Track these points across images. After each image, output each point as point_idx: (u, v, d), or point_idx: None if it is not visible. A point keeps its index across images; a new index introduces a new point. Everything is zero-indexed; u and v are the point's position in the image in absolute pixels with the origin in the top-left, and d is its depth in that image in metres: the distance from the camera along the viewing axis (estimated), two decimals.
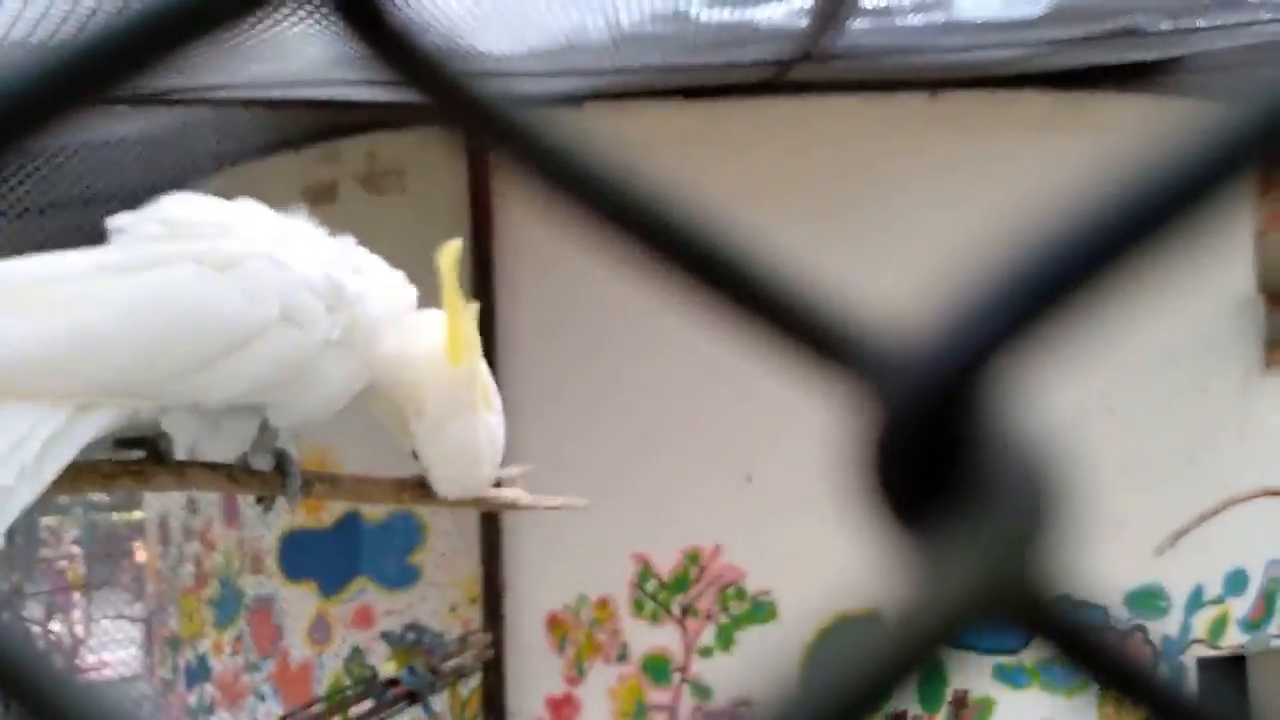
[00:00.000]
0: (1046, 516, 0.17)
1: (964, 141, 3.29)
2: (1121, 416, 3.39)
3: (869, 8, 2.49)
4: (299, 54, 2.43)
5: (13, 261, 1.38)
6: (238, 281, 1.37)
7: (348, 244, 1.57)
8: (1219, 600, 3.49)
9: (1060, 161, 2.97)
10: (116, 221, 1.45)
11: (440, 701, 3.33)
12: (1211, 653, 3.51)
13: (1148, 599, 3.42)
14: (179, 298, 1.35)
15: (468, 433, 1.56)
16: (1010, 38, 2.77)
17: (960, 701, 3.32)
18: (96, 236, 1.44)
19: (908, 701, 2.90)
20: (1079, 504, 0.18)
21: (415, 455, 1.65)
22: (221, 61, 2.51)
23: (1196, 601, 3.48)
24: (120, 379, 1.32)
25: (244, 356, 1.38)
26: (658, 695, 3.37)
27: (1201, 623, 3.49)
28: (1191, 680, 3.44)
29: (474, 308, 1.59)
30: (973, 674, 3.25)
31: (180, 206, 1.47)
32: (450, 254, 1.54)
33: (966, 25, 2.68)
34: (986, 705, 3.30)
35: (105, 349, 1.30)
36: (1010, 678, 3.28)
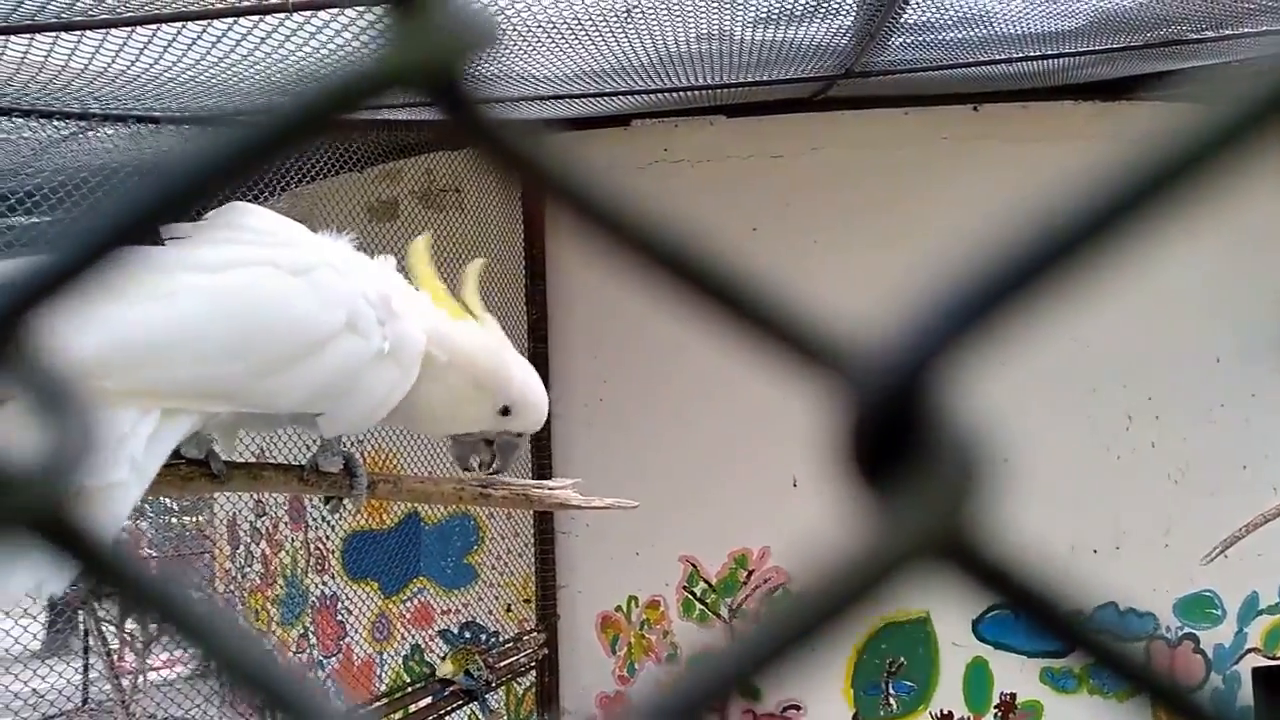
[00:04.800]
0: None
1: (1008, 152, 3.32)
2: (1169, 422, 3.38)
3: (910, 23, 2.54)
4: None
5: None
6: (311, 287, 1.42)
7: (388, 264, 1.62)
8: (1275, 609, 3.45)
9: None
10: (176, 230, 1.46)
11: (497, 699, 3.43)
12: (1267, 662, 3.46)
13: (1199, 607, 3.39)
14: (262, 297, 1.38)
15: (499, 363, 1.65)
16: (1051, 49, 2.80)
17: (1008, 705, 3.34)
18: None
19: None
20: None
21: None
22: (290, 87, 2.66)
23: (1251, 610, 3.44)
24: (209, 374, 1.35)
25: (314, 361, 1.42)
26: None
27: (1256, 631, 3.44)
28: (1245, 689, 3.41)
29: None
30: (1020, 677, 3.26)
31: (242, 215, 1.50)
32: (473, 270, 1.69)
33: (1007, 38, 2.72)
34: (1035, 709, 3.31)
35: (200, 340, 1.33)
36: (1058, 681, 3.28)
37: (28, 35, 1.91)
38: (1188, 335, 3.41)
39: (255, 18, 1.94)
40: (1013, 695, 3.34)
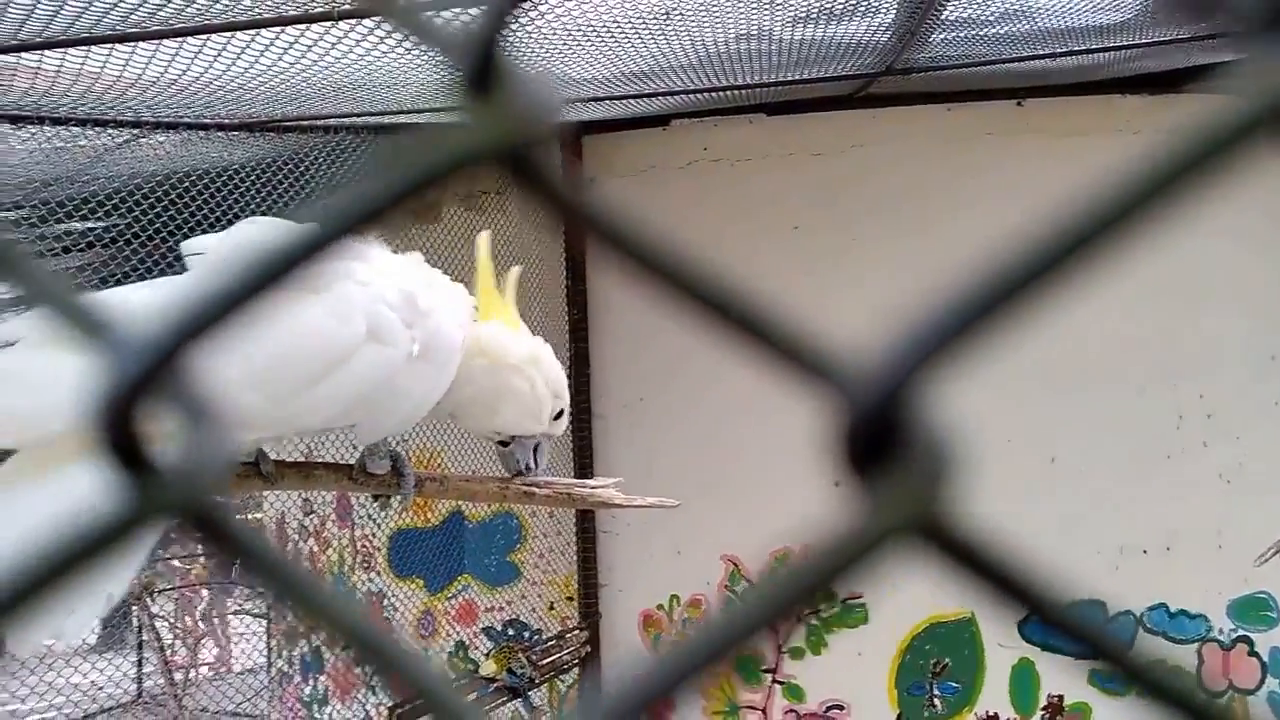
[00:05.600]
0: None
1: (1054, 147, 3.27)
2: (1221, 421, 3.32)
3: (952, 20, 2.51)
4: (405, 82, 2.59)
5: (107, 291, 1.39)
6: (329, 304, 1.40)
7: (415, 260, 1.61)
8: None
9: None
10: (194, 245, 1.48)
11: (540, 696, 3.46)
12: None
13: (1253, 609, 3.32)
14: (280, 322, 1.34)
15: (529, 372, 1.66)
16: (1097, 43, 2.76)
17: (1055, 706, 3.30)
18: None
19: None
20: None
21: (502, 443, 1.75)
22: (334, 92, 2.71)
23: None
24: (235, 405, 1.33)
25: (337, 379, 1.41)
26: (749, 694, 3.44)
27: None
28: None
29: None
30: (1067, 678, 3.22)
31: (258, 231, 1.49)
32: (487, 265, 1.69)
33: (1052, 32, 2.68)
34: (1083, 711, 3.26)
35: (221, 374, 1.33)
36: (1107, 683, 3.23)
37: (84, 48, 1.96)
38: (1240, 333, 3.34)
39: (302, 26, 1.98)
40: (1060, 697, 3.30)
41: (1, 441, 1.19)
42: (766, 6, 2.29)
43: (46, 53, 1.96)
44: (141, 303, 1.31)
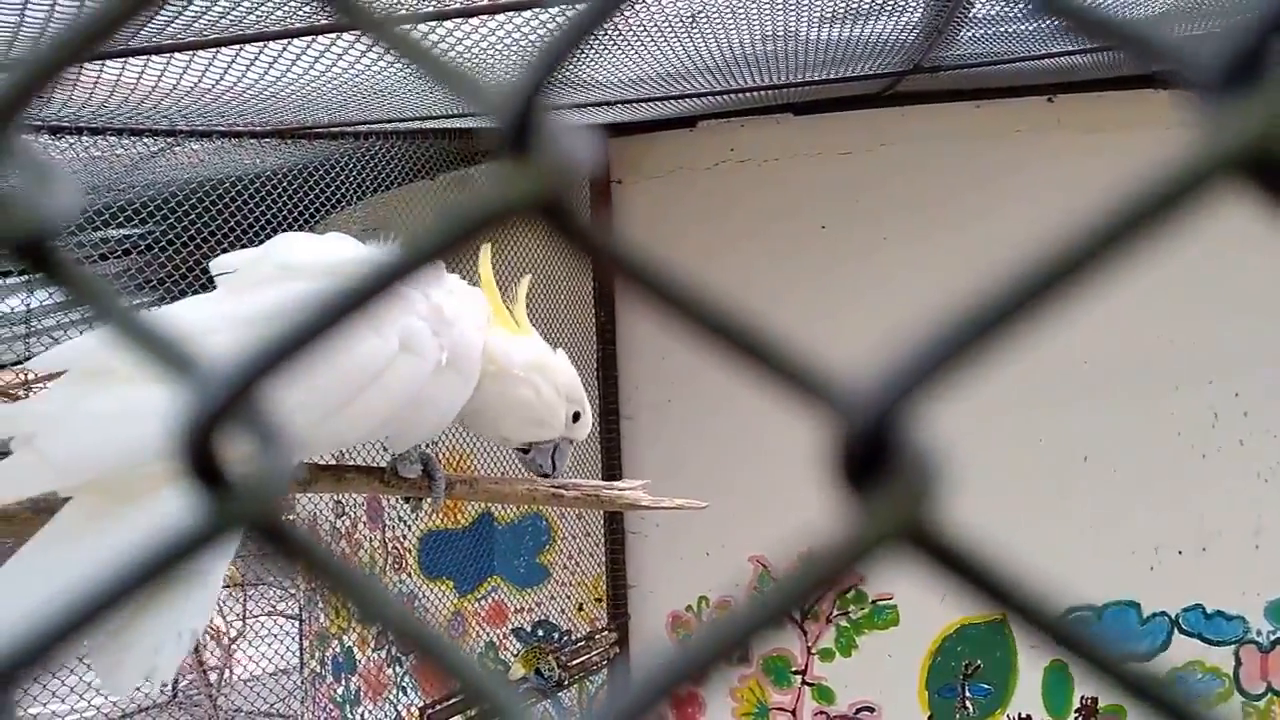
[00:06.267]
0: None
1: (1086, 143, 3.24)
2: (1258, 419, 3.27)
3: (980, 17, 2.50)
4: (433, 88, 2.62)
5: (162, 309, 1.38)
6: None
7: (435, 266, 1.64)
8: None
9: None
10: (225, 263, 1.48)
11: (569, 697, 3.47)
12: None
13: None
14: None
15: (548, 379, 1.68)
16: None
17: (1089, 709, 3.26)
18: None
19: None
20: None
21: (524, 450, 1.76)
22: (365, 99, 2.74)
23: None
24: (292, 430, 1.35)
25: (373, 392, 1.40)
26: (779, 696, 3.44)
27: None
28: None
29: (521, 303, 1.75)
30: (1101, 680, 3.18)
31: (287, 247, 1.50)
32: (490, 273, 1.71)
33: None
34: (1118, 714, 3.23)
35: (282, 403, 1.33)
36: None
37: (121, 59, 2.00)
38: (1277, 330, 3.29)
39: (332, 35, 2.00)
40: (1094, 700, 3.26)
41: (92, 476, 1.19)
42: (793, 7, 2.28)
43: (85, 65, 2.00)
44: (193, 321, 1.33)
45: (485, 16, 2.02)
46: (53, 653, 0.28)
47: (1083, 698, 3.27)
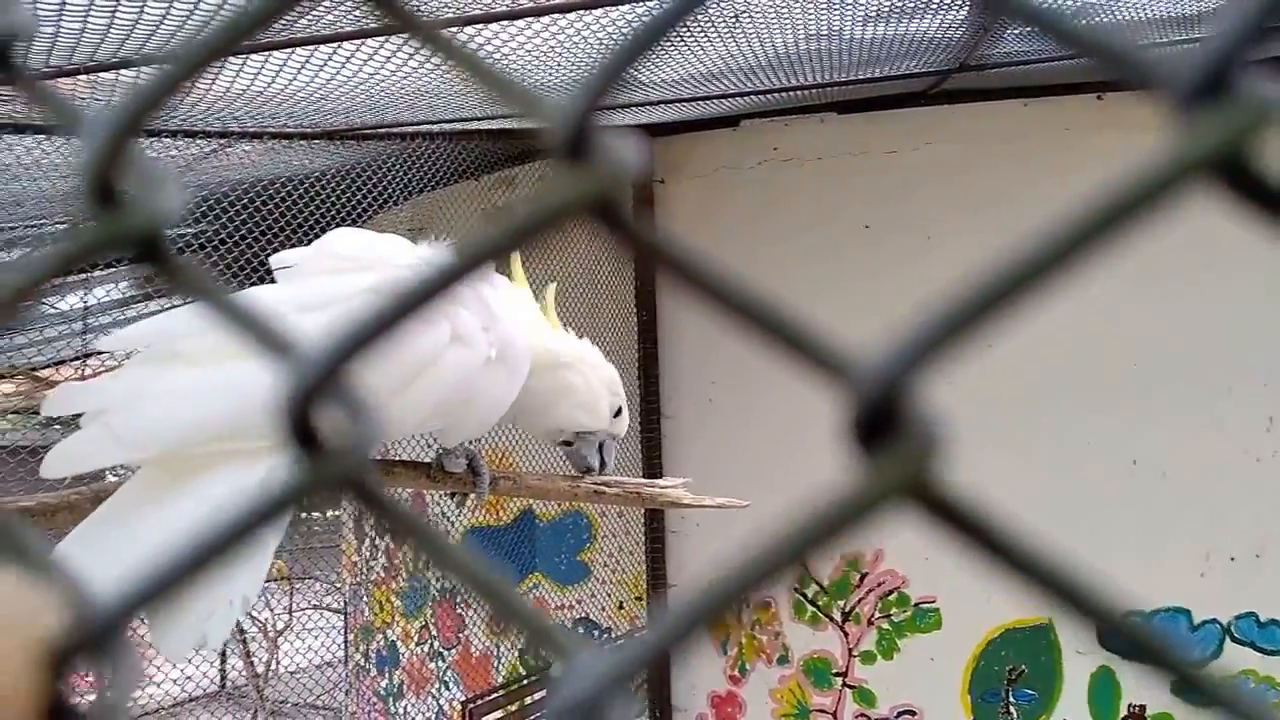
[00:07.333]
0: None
1: (1135, 142, 3.18)
2: None
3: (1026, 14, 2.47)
4: (478, 89, 2.64)
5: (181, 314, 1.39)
6: None
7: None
8: None
9: None
10: (283, 259, 1.51)
11: None
12: None
13: None
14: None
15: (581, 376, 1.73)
16: (1180, 35, 2.68)
17: (1136, 716, 3.21)
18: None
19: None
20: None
21: (565, 444, 1.79)
22: (411, 101, 2.77)
23: None
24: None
25: (427, 381, 1.43)
26: (819, 698, 3.42)
27: None
28: None
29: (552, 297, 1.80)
30: (1150, 688, 3.12)
31: (344, 241, 1.53)
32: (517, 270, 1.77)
33: (1133, 25, 2.61)
34: None
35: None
36: (1192, 694, 3.13)
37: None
38: None
39: (380, 38, 2.03)
40: (1142, 707, 3.20)
41: (157, 451, 1.23)
42: (837, 6, 2.27)
43: (144, 69, 2.05)
44: (271, 301, 1.38)
45: (530, 19, 2.04)
46: (166, 595, 0.32)
47: (1130, 705, 3.21)
